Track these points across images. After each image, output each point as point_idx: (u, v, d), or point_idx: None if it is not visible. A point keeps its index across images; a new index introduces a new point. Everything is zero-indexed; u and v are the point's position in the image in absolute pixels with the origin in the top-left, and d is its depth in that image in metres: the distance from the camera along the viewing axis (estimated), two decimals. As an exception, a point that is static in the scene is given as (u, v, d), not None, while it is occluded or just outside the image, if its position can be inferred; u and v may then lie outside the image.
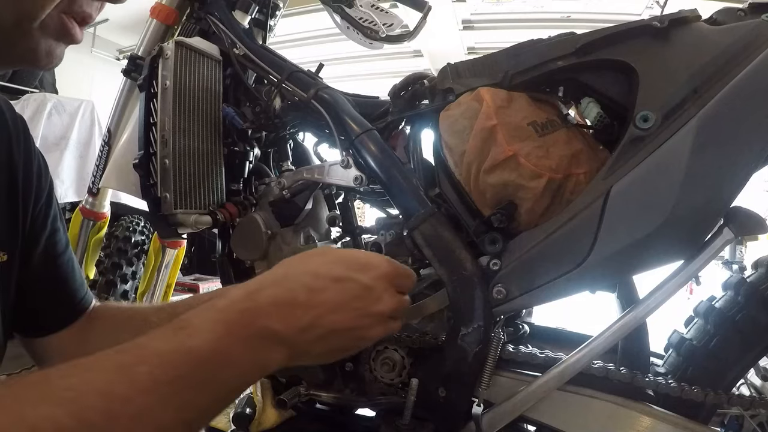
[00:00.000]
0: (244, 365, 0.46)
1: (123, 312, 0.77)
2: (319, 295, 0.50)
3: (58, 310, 0.71)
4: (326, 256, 0.54)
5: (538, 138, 0.72)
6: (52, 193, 0.71)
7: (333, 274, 0.51)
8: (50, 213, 0.70)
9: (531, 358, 0.73)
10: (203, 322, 0.45)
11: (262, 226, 0.89)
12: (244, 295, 0.48)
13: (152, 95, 0.87)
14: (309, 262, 0.53)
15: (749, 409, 0.71)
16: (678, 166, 0.65)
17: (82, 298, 0.74)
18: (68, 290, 0.72)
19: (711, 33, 0.70)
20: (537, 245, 0.70)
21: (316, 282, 0.50)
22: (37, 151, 0.68)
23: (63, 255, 0.72)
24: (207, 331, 0.44)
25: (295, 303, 0.49)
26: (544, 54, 0.75)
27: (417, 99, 0.85)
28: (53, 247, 0.70)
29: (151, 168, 0.86)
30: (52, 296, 0.70)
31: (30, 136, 0.68)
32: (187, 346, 0.43)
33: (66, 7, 0.49)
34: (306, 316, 0.49)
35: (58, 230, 0.71)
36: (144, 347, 0.43)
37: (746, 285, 0.76)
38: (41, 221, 0.68)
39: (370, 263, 0.54)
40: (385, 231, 0.82)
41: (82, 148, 2.67)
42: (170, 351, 0.42)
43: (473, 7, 3.87)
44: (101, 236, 1.36)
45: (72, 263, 0.73)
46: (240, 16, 1.01)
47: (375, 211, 0.96)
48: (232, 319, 0.46)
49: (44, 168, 0.70)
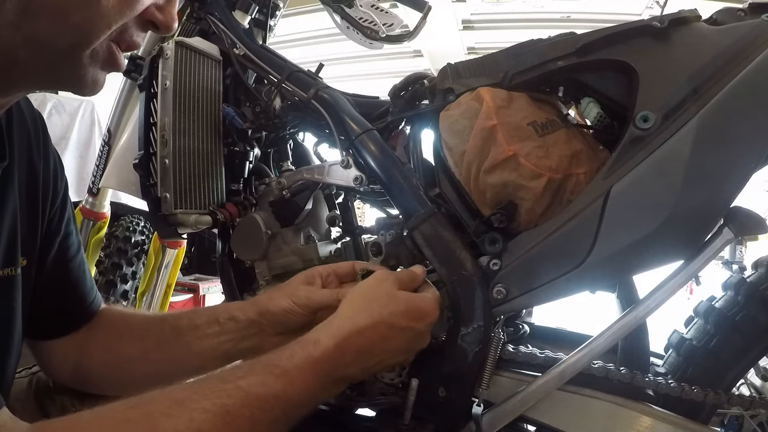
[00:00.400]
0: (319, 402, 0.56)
1: (123, 319, 0.77)
2: (389, 343, 0.60)
3: (68, 314, 0.71)
4: (398, 304, 0.62)
5: (538, 138, 0.72)
6: (67, 194, 0.70)
7: (401, 325, 0.61)
8: (65, 215, 0.69)
9: (531, 358, 0.73)
10: (299, 372, 0.53)
11: (262, 226, 0.89)
12: (334, 348, 0.56)
13: (152, 95, 0.87)
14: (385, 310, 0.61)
15: (749, 409, 0.71)
16: (678, 166, 0.65)
17: (91, 302, 0.74)
18: (79, 294, 0.72)
19: (711, 33, 0.70)
20: (537, 245, 0.70)
21: (389, 332, 0.60)
22: (53, 150, 0.67)
23: (75, 258, 0.71)
24: (301, 380, 0.53)
25: (372, 352, 0.59)
26: (544, 54, 0.75)
27: (417, 99, 0.85)
28: (66, 250, 0.70)
29: (151, 168, 0.86)
30: (62, 300, 0.70)
31: (48, 133, 0.66)
32: (286, 393, 0.51)
33: (116, 36, 0.49)
34: (375, 359, 0.60)
35: (71, 233, 0.71)
36: (245, 390, 0.49)
37: (746, 285, 0.76)
38: (56, 224, 0.68)
39: (427, 314, 0.64)
40: (385, 231, 0.82)
41: (82, 148, 2.67)
42: (271, 396, 0.50)
43: (473, 7, 3.87)
44: (101, 236, 1.36)
45: (83, 266, 0.73)
46: (240, 16, 1.01)
47: (375, 211, 0.96)
48: (323, 371, 0.55)
49: (60, 168, 0.69)
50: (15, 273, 0.60)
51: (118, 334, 0.74)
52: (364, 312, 0.60)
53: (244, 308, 0.72)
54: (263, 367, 0.52)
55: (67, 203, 0.70)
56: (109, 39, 0.49)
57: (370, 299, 0.62)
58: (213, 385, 0.50)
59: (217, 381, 0.50)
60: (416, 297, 0.65)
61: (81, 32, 0.46)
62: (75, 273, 0.71)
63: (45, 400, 0.79)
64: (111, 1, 0.45)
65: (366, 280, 0.66)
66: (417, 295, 0.65)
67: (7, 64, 0.46)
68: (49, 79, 0.51)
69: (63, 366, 0.72)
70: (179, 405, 0.46)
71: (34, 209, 0.63)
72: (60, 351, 0.71)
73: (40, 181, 0.63)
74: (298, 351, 0.55)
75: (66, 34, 0.45)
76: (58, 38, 0.45)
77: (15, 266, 0.59)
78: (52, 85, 0.53)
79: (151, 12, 0.50)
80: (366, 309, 0.60)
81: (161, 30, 0.52)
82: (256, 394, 0.49)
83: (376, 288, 0.63)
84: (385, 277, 0.65)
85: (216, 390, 0.48)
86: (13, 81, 0.49)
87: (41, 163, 0.64)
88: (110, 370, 0.73)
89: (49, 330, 0.70)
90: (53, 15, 0.44)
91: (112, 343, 0.73)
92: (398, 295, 0.63)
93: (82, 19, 0.45)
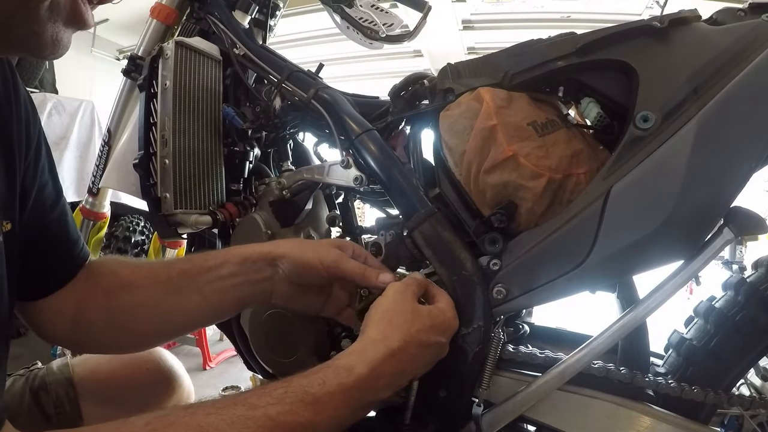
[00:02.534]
0: (345, 427, 0.55)
1: (128, 267, 0.73)
2: (418, 361, 0.61)
3: (54, 270, 0.67)
4: (423, 320, 0.61)
5: (538, 138, 0.72)
6: (41, 141, 0.65)
7: (430, 341, 0.61)
8: (39, 165, 0.64)
9: (531, 358, 0.73)
10: (330, 400, 0.52)
11: (262, 226, 0.89)
12: (368, 373, 0.55)
13: (152, 95, 0.87)
14: (413, 328, 0.60)
15: (749, 409, 0.71)
16: (678, 166, 0.65)
17: (78, 252, 0.70)
18: (63, 246, 0.68)
19: (711, 33, 0.70)
20: (537, 245, 0.70)
21: (419, 351, 0.60)
22: (23, 95, 0.61)
23: (55, 209, 0.67)
24: (333, 408, 0.52)
25: (404, 372, 0.59)
26: (544, 54, 0.75)
27: (417, 99, 0.85)
28: (44, 201, 0.65)
29: (151, 168, 0.86)
30: (46, 255, 0.66)
31: (18, 79, 0.60)
32: (315, 423, 0.50)
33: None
34: (406, 379, 0.61)
35: (47, 184, 0.66)
36: (274, 420, 0.48)
37: (746, 285, 0.76)
38: (31, 176, 0.63)
39: (451, 326, 0.65)
40: (385, 231, 0.82)
41: (82, 148, 2.67)
42: (299, 426, 0.49)
43: (473, 7, 3.87)
44: (101, 236, 1.36)
45: (65, 217, 0.68)
46: (240, 16, 1.01)
47: (375, 211, 0.96)
48: (355, 398, 0.54)
49: (33, 114, 0.62)
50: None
51: (123, 282, 0.70)
52: (394, 333, 0.59)
53: (260, 249, 0.70)
54: (294, 395, 0.50)
55: (42, 151, 0.64)
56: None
57: (395, 315, 0.60)
58: (241, 412, 0.48)
59: (245, 408, 0.48)
60: (437, 310, 0.64)
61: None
62: (56, 225, 0.67)
63: (40, 392, 0.79)
64: None
65: (385, 296, 0.64)
66: (437, 308, 0.65)
67: None
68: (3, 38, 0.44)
69: (58, 325, 0.68)
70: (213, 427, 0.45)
71: (11, 169, 0.58)
72: (53, 309, 0.67)
73: (13, 136, 0.58)
74: (330, 378, 0.53)
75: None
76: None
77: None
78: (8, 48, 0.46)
79: None
80: (396, 329, 0.59)
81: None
82: (285, 424, 0.48)
83: (400, 304, 0.62)
84: (404, 290, 0.63)
85: (243, 418, 0.47)
86: None
87: (13, 116, 0.58)
88: (115, 323, 0.69)
89: (36, 288, 0.66)
90: None
91: (115, 292, 0.69)
92: (421, 311, 0.62)
93: None
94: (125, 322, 0.70)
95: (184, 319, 0.71)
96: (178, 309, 0.69)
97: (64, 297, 0.67)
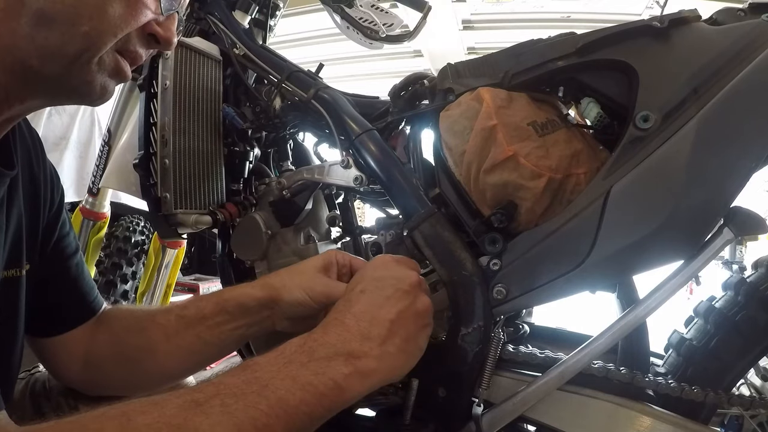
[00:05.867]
0: None
1: (129, 313, 0.78)
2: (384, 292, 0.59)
3: (69, 310, 0.72)
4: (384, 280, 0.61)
5: (538, 138, 0.72)
6: (62, 201, 0.73)
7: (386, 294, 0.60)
8: (59, 219, 0.72)
9: (531, 358, 0.73)
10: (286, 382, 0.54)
11: (262, 226, 0.89)
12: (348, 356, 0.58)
13: (152, 95, 0.87)
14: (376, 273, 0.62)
15: (749, 409, 0.71)
16: (678, 166, 0.65)
17: (93, 299, 0.75)
18: (79, 291, 0.74)
19: (711, 33, 0.70)
20: (537, 245, 0.70)
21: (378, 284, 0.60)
22: (49, 162, 0.72)
23: (73, 258, 0.74)
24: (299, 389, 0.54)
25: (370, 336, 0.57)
26: (544, 54, 0.75)
27: (417, 99, 0.85)
28: (63, 250, 0.72)
29: (151, 168, 0.86)
30: (62, 295, 0.72)
31: (42, 146, 0.71)
32: None
33: (121, 46, 0.54)
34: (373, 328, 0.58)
35: (66, 235, 0.73)
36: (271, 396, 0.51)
37: (746, 285, 0.76)
38: (52, 227, 0.71)
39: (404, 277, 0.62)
40: (385, 231, 0.82)
41: (82, 148, 2.67)
42: None
43: (473, 7, 3.87)
44: (101, 236, 1.36)
45: (82, 266, 0.75)
46: (240, 16, 1.01)
47: (375, 211, 0.96)
48: None
49: (56, 178, 0.73)
50: (20, 274, 0.62)
51: (125, 327, 0.75)
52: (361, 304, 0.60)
53: (252, 294, 0.71)
54: None
55: (62, 209, 0.74)
56: (114, 49, 0.53)
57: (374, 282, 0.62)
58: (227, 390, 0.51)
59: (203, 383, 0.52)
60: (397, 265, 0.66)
61: (89, 40, 0.50)
62: (74, 270, 0.73)
63: (41, 399, 0.79)
64: (117, 12, 0.51)
65: None
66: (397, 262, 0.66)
67: (23, 74, 0.51)
68: (60, 87, 0.54)
69: (70, 365, 0.73)
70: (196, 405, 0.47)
71: (35, 216, 0.67)
72: (66, 348, 0.72)
73: (40, 190, 0.67)
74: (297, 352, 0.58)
75: (75, 42, 0.50)
76: (68, 46, 0.50)
77: (20, 268, 0.62)
78: (63, 94, 0.56)
79: (153, 26, 0.55)
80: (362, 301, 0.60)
81: (162, 45, 0.57)
82: None
83: None
84: None
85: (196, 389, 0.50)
86: (29, 90, 0.53)
87: (41, 174, 0.68)
88: (120, 365, 0.73)
89: (52, 326, 0.71)
90: (64, 25, 0.49)
91: (120, 336, 0.74)
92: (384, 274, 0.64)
93: (90, 28, 0.50)
94: (129, 365, 0.74)
95: (189, 362, 0.74)
96: (180, 352, 0.72)
97: (76, 337, 0.72)
